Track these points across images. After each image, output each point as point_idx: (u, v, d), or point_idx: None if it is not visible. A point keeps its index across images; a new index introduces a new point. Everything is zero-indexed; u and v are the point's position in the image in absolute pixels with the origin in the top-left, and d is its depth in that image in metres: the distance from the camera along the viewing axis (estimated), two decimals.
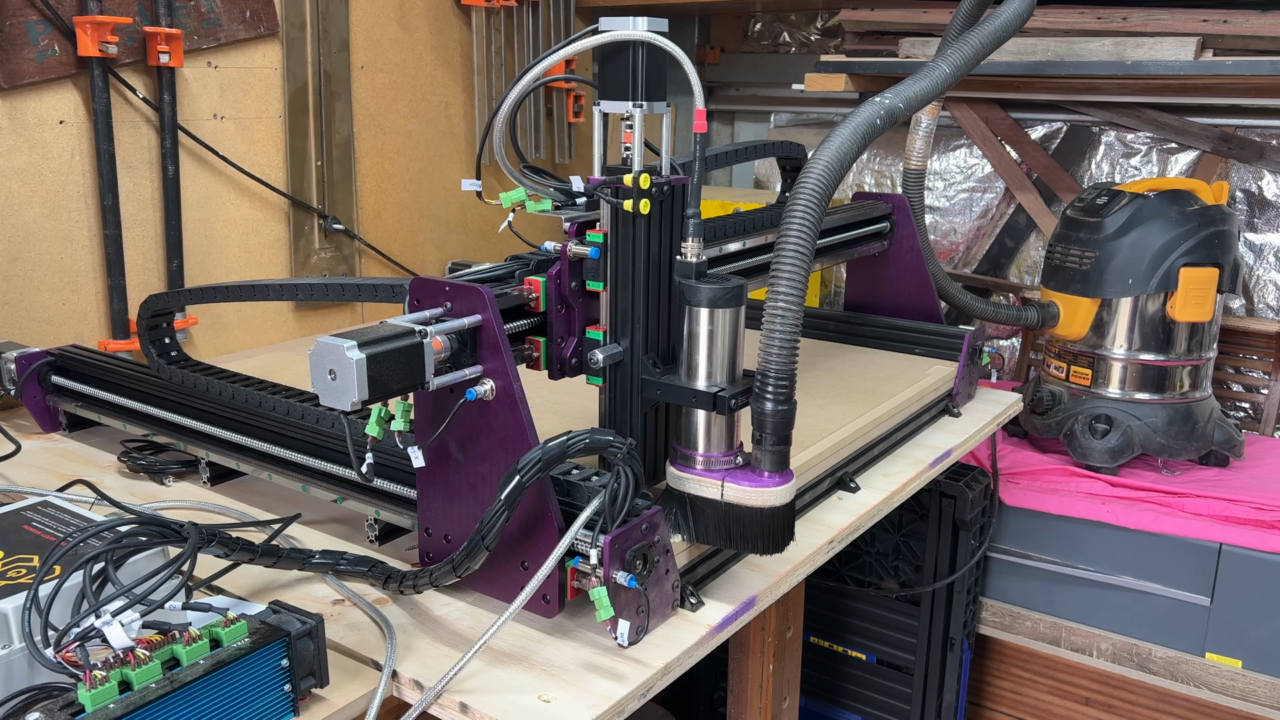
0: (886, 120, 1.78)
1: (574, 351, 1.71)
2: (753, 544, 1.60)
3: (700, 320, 1.59)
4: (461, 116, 3.58)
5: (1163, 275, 2.82)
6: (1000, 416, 2.63)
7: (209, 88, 2.83)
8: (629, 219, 1.63)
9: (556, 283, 1.67)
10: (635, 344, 1.68)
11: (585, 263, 1.67)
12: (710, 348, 1.60)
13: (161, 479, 2.09)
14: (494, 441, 1.55)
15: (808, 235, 1.56)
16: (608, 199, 1.63)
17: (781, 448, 1.57)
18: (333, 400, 1.40)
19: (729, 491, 1.59)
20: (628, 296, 1.67)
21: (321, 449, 1.87)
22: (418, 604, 1.62)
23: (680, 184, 1.69)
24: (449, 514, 1.64)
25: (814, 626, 3.12)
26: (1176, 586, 2.76)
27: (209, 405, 2.05)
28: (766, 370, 1.54)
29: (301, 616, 1.32)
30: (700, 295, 1.58)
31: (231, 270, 2.95)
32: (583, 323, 1.71)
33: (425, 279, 1.57)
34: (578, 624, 1.57)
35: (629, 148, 1.65)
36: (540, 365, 1.70)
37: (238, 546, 1.51)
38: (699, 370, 1.61)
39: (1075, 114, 3.69)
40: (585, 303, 1.70)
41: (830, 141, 1.68)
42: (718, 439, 1.62)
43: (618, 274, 1.66)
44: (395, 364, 1.42)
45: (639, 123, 1.64)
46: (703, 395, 1.60)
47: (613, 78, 1.64)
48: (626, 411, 1.72)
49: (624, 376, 1.71)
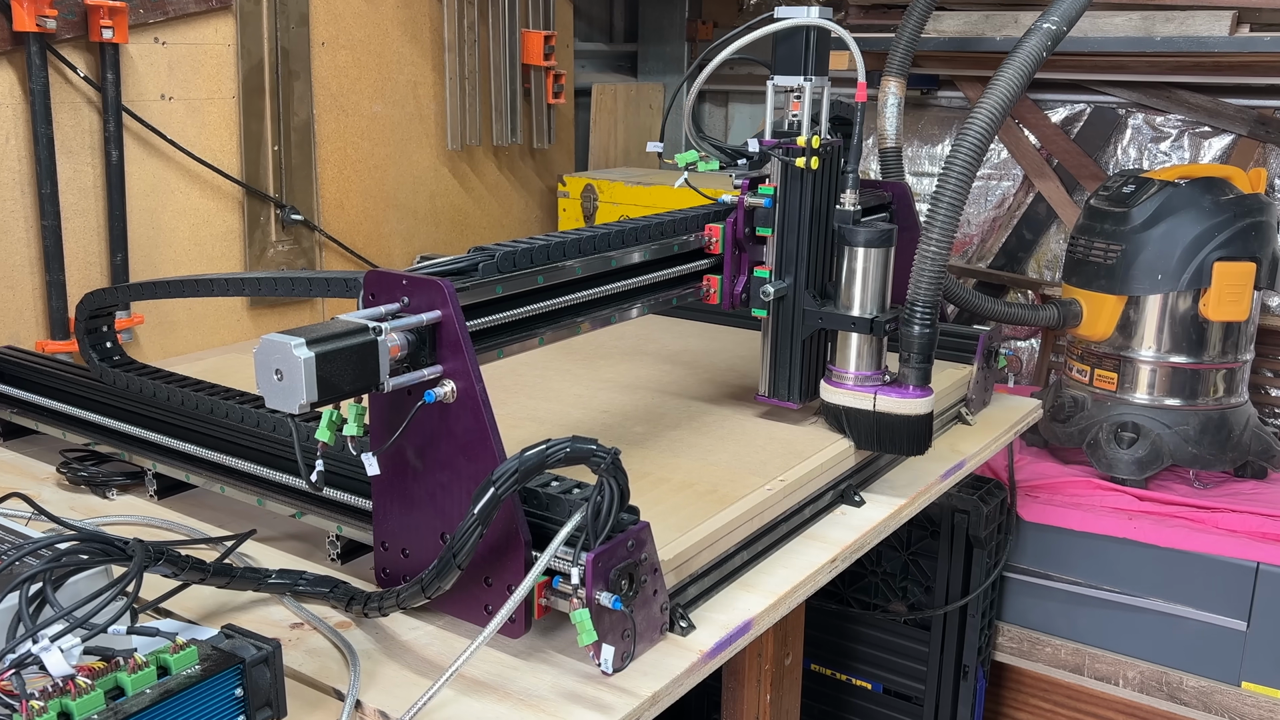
0: (1053, 47, 2.16)
1: (745, 287, 2.21)
2: (900, 446, 2.10)
3: (858, 258, 2.07)
4: (431, 97, 3.59)
5: (1195, 270, 2.84)
6: (1018, 424, 2.65)
7: (156, 66, 2.83)
8: (798, 174, 2.13)
9: (734, 228, 2.16)
10: (799, 280, 2.17)
11: (757, 211, 2.18)
12: (864, 281, 2.08)
13: (104, 492, 2.09)
14: (455, 448, 1.56)
15: (966, 180, 2.02)
16: (781, 157, 2.13)
17: (926, 365, 2.04)
18: (279, 403, 1.40)
19: (880, 402, 2.06)
20: (793, 240, 2.16)
21: (278, 459, 1.88)
22: (383, 628, 1.63)
23: (838, 145, 2.19)
24: (407, 526, 1.65)
25: (815, 653, 3.14)
26: (1210, 609, 2.78)
27: (156, 411, 2.06)
28: (916, 298, 2.01)
29: (257, 641, 1.32)
30: (858, 236, 2.06)
31: (180, 265, 2.96)
32: (751, 263, 2.21)
33: (381, 271, 1.58)
34: (557, 649, 1.58)
35: (797, 115, 2.18)
36: (716, 299, 2.19)
37: (187, 565, 1.52)
38: (854, 300, 2.09)
39: (1099, 95, 3.71)
40: (754, 246, 2.21)
41: (997, 84, 2.09)
42: (869, 359, 2.11)
43: (785, 221, 2.16)
44: (347, 363, 1.43)
45: (808, 93, 2.15)
46: (860, 321, 2.08)
47: (787, 56, 2.16)
48: (788, 339, 2.20)
49: (787, 308, 2.20)
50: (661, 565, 1.58)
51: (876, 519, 2.05)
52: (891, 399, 2.05)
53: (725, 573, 1.79)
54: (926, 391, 2.05)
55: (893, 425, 2.07)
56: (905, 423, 2.06)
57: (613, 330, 2.89)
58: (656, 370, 2.62)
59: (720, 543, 1.77)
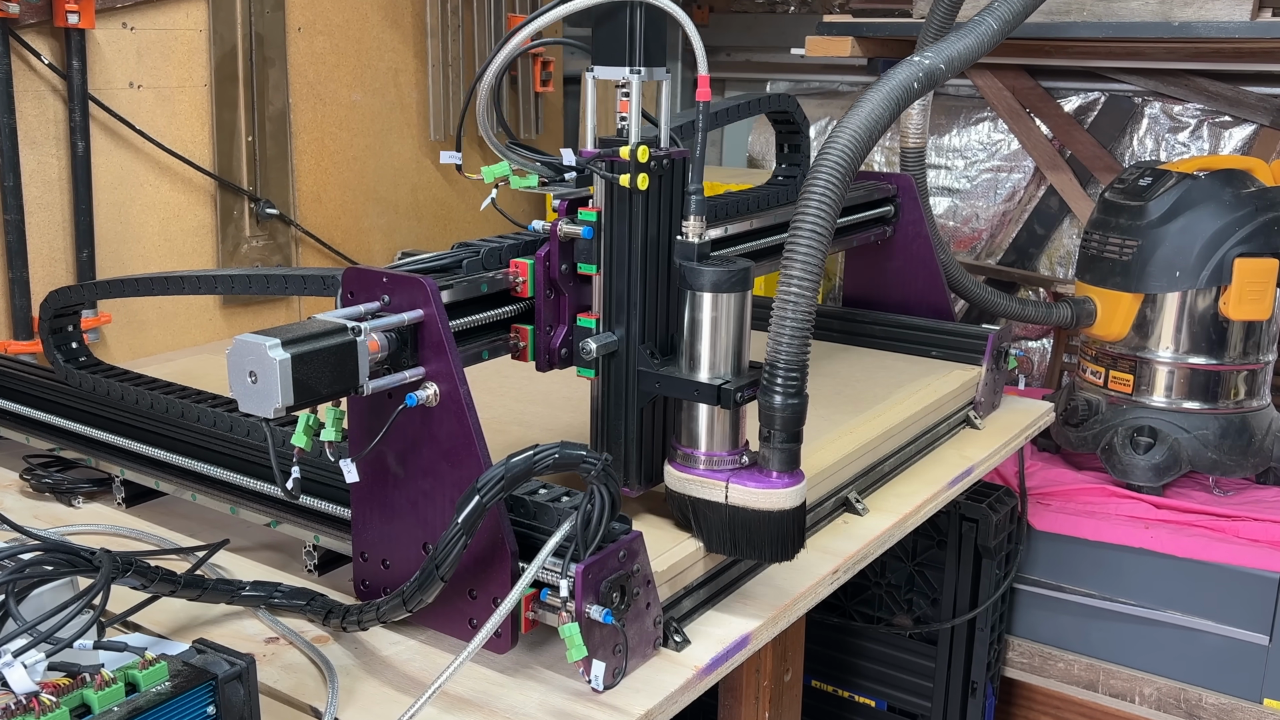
0: (925, 84, 1.81)
1: (564, 341, 1.77)
2: (760, 551, 1.68)
3: (703, 306, 1.66)
4: (413, 85, 3.60)
5: (1215, 267, 2.85)
6: (1029, 429, 2.65)
7: (124, 52, 2.83)
8: (625, 195, 1.69)
9: (545, 265, 1.73)
10: (631, 332, 1.75)
11: (577, 243, 1.74)
12: (714, 336, 1.67)
13: (70, 499, 2.09)
14: (438, 453, 1.56)
15: (827, 215, 1.61)
16: (602, 174, 1.68)
17: (792, 445, 1.63)
18: (253, 406, 1.40)
19: (734, 493, 1.66)
20: (623, 280, 1.73)
21: (253, 465, 1.88)
22: (362, 643, 1.63)
23: (681, 157, 1.75)
24: (388, 536, 1.65)
25: (816, 669, 3.14)
26: (1230, 623, 2.78)
27: (124, 415, 2.06)
28: (776, 361, 1.61)
29: (230, 657, 1.32)
30: (703, 278, 1.65)
31: (150, 261, 2.96)
32: (573, 310, 1.77)
33: (360, 268, 1.58)
34: (545, 664, 1.58)
35: (625, 118, 1.70)
36: (527, 356, 1.76)
37: (157, 577, 1.52)
38: (701, 361, 1.68)
39: (1114, 82, 3.72)
40: (576, 287, 1.77)
41: (859, 108, 1.71)
42: (721, 436, 1.70)
43: (612, 255, 1.73)
44: (324, 365, 1.43)
45: (636, 91, 1.70)
46: (706, 388, 1.67)
47: (607, 41, 1.70)
48: (621, 407, 1.78)
49: (619, 368, 1.77)
50: (655, 577, 1.58)
51: (880, 528, 2.06)
52: (749, 489, 1.65)
53: (721, 585, 1.79)
54: (795, 478, 1.65)
55: (749, 522, 1.67)
56: (765, 520, 1.66)
57: None
58: None
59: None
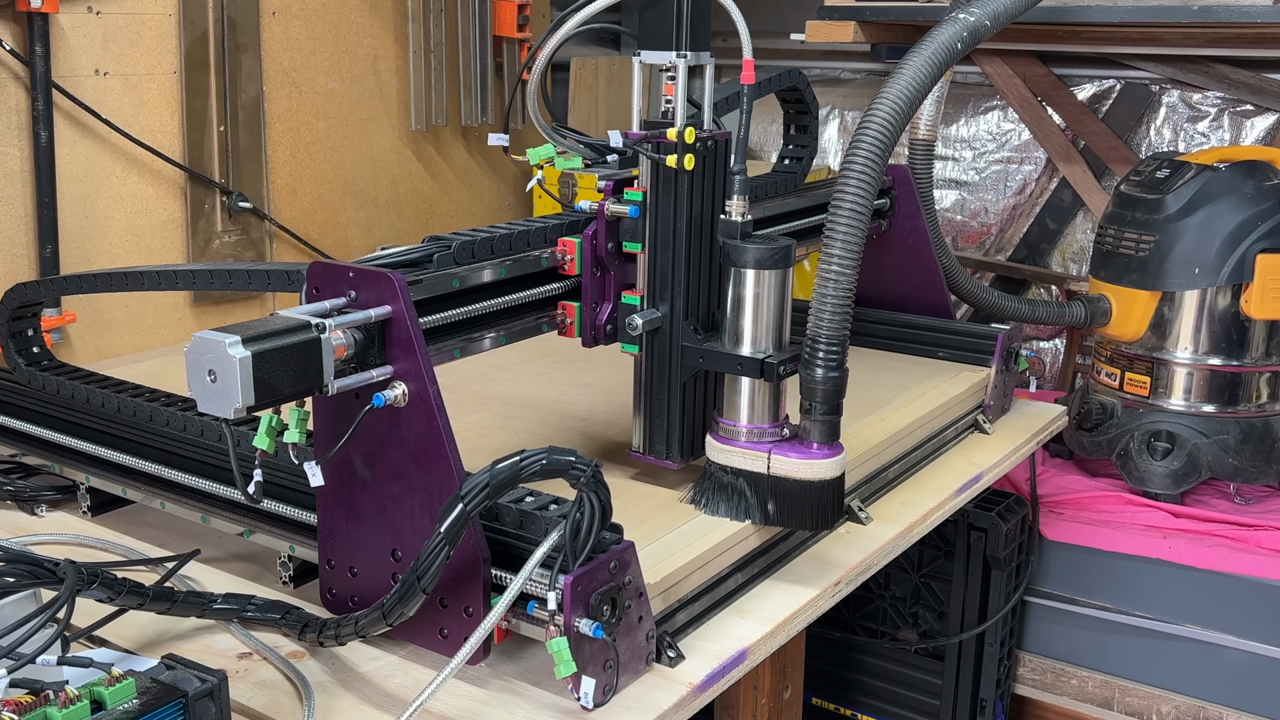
0: (969, 42, 1.87)
1: (609, 318, 1.94)
2: (800, 520, 1.82)
3: (746, 282, 1.81)
4: (394, 72, 3.60)
5: (1236, 263, 2.86)
6: (1040, 433, 2.66)
7: (89, 38, 2.84)
8: (671, 176, 1.86)
9: (592, 244, 1.89)
10: (675, 309, 1.91)
11: (623, 222, 1.90)
12: (756, 311, 1.82)
13: (32, 508, 2.09)
14: (407, 456, 1.56)
15: (868, 188, 1.71)
16: (649, 154, 1.85)
17: (832, 417, 1.77)
18: (213, 406, 1.41)
19: (776, 464, 1.80)
20: (668, 258, 1.89)
21: (224, 472, 1.88)
22: (340, 658, 1.64)
23: (723, 138, 1.91)
24: (355, 542, 1.65)
25: (816, 685, 3.14)
26: (1252, 637, 2.79)
27: (89, 419, 2.06)
28: (818, 335, 1.73)
29: (201, 673, 1.33)
30: (747, 255, 1.80)
31: (116, 257, 2.96)
32: (618, 287, 1.94)
33: (325, 263, 1.59)
34: (532, 681, 1.59)
35: (670, 100, 1.87)
36: (573, 332, 1.93)
37: (124, 589, 1.52)
38: (745, 335, 1.84)
39: (1130, 70, 3.73)
40: (621, 265, 1.94)
41: (899, 75, 1.79)
42: (763, 409, 1.84)
43: (657, 234, 1.89)
44: (287, 363, 1.43)
45: (683, 74, 1.86)
46: (749, 361, 1.82)
47: (655, 26, 1.86)
48: (665, 382, 1.94)
49: (662, 344, 1.93)
50: (647, 589, 1.59)
51: (885, 538, 2.06)
52: (790, 459, 1.79)
53: (718, 597, 1.80)
54: (834, 450, 1.79)
55: (789, 492, 1.81)
56: (806, 490, 1.80)
57: None
58: None
59: (712, 564, 1.78)
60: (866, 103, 4.00)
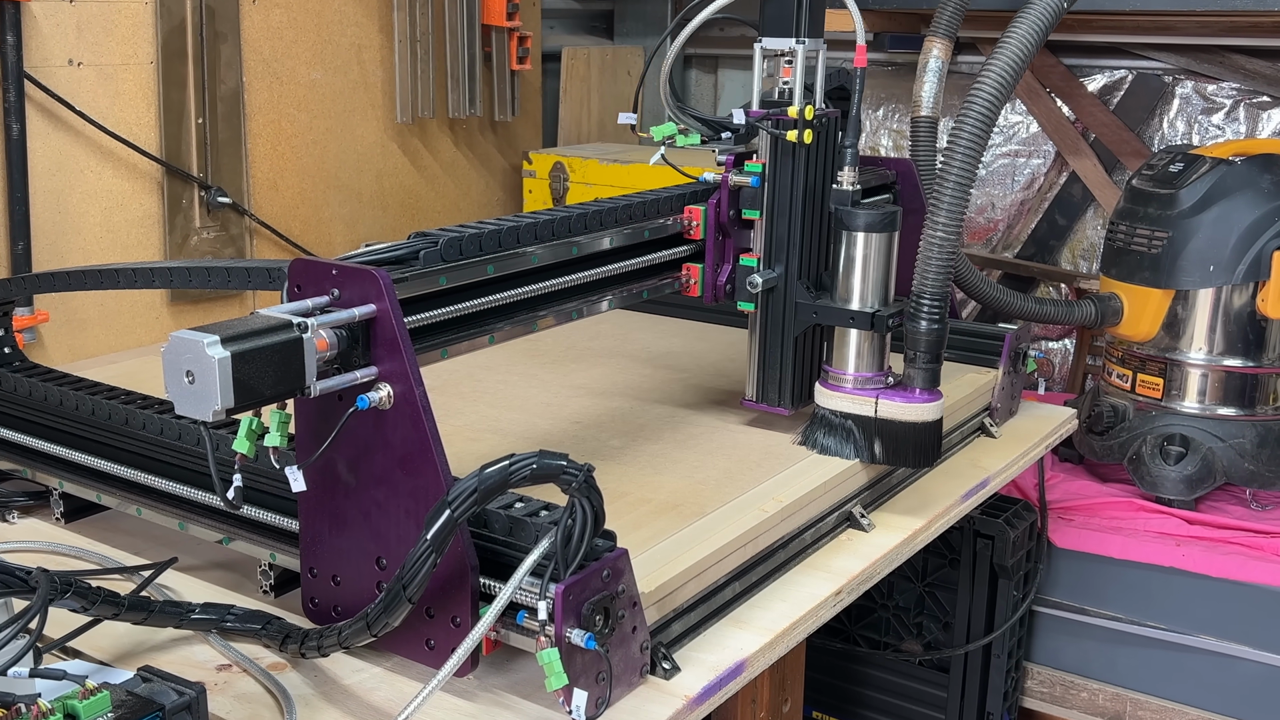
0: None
1: (729, 278, 2.25)
2: (904, 458, 2.12)
3: (857, 244, 2.10)
4: (378, 63, 3.60)
5: (1252, 261, 2.86)
6: (1049, 437, 2.66)
7: (63, 27, 2.83)
8: (789, 149, 2.16)
9: (716, 211, 2.21)
10: (790, 269, 2.21)
11: (743, 192, 2.22)
12: (865, 270, 2.11)
13: (3, 514, 2.09)
14: (392, 460, 1.56)
15: (973, 159, 2.03)
16: (770, 130, 2.14)
17: (934, 366, 2.06)
18: (190, 408, 1.41)
19: (883, 408, 2.09)
20: (784, 224, 2.20)
21: (203, 477, 1.87)
22: (322, 670, 1.64)
23: (833, 116, 2.21)
24: (338, 550, 1.65)
25: (817, 698, 3.15)
26: (1270, 649, 2.79)
27: (62, 422, 2.06)
28: (923, 291, 2.03)
29: (179, 686, 1.33)
30: (858, 220, 2.08)
31: (91, 254, 2.96)
32: (736, 250, 2.25)
33: (307, 260, 1.58)
34: (521, 693, 1.59)
35: (787, 82, 2.20)
36: (696, 290, 2.25)
37: (99, 598, 1.52)
38: (854, 292, 2.13)
39: (1143, 59, 3.74)
40: (739, 231, 2.25)
41: (1007, 42, 2.05)
42: (870, 359, 2.14)
43: (775, 202, 2.20)
44: (268, 364, 1.43)
45: (801, 58, 2.16)
46: (861, 315, 2.11)
47: (776, 15, 2.17)
48: (779, 336, 2.24)
49: (776, 302, 2.23)
50: (641, 598, 1.59)
51: (888, 546, 2.07)
52: (896, 404, 2.08)
53: (714, 607, 1.80)
54: (935, 395, 2.07)
55: (896, 434, 2.09)
56: (911, 431, 2.08)
57: (585, 329, 2.90)
58: (635, 374, 2.63)
59: (708, 573, 1.78)
60: (870, 93, 4.00)
